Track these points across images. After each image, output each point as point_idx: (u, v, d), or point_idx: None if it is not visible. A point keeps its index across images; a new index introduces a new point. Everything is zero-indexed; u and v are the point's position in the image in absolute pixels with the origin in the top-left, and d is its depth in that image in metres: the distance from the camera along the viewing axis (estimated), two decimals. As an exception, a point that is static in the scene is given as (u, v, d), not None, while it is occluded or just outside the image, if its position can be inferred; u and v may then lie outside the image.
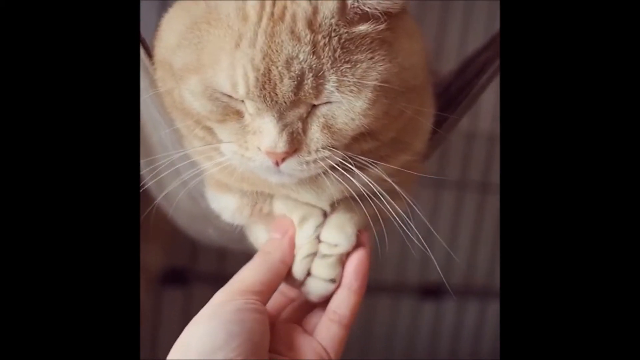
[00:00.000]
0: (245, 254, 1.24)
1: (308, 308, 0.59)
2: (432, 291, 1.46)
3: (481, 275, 1.48)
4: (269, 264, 0.54)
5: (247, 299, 0.51)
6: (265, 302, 0.53)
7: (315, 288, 0.56)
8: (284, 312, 0.59)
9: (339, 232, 0.55)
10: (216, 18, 0.47)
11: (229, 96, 0.49)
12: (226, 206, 0.60)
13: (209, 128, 0.53)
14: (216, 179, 0.60)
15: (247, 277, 0.53)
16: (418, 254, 1.41)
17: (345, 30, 0.47)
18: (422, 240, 0.58)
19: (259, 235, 0.60)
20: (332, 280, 0.55)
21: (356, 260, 0.56)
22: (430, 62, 0.60)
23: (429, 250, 0.58)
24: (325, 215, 0.57)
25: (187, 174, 0.57)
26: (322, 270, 0.55)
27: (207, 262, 1.26)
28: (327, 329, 0.55)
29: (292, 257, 0.56)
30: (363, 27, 0.48)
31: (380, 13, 0.48)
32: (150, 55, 0.55)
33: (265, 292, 0.53)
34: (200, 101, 0.49)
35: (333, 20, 0.46)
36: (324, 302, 0.58)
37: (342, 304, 0.56)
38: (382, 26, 0.48)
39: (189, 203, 0.69)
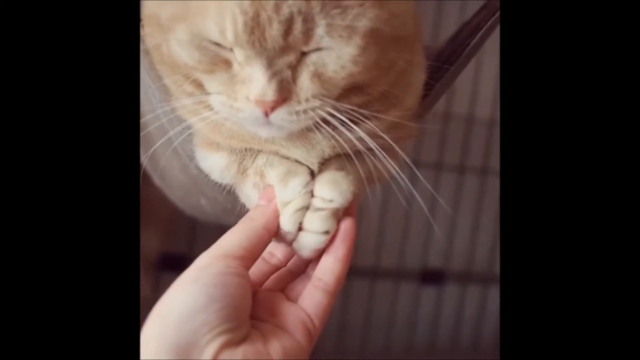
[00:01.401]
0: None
1: (291, 277, 0.58)
2: (432, 276, 1.46)
3: (482, 260, 1.47)
4: (252, 230, 0.53)
5: (228, 263, 0.50)
6: (248, 268, 0.52)
7: (308, 241, 0.54)
8: (266, 281, 0.58)
9: (333, 188, 0.54)
10: None
11: (217, 44, 0.48)
12: (215, 164, 0.59)
13: (198, 83, 0.52)
14: (206, 138, 0.59)
15: (230, 242, 0.53)
16: (419, 239, 1.40)
17: None
18: (425, 209, 0.57)
19: (250, 195, 0.59)
20: (326, 232, 0.54)
21: (343, 228, 0.55)
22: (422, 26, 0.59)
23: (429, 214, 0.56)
24: (312, 174, 0.56)
25: (174, 131, 0.56)
26: (315, 222, 0.54)
27: (206, 248, 1.26)
28: (311, 295, 0.54)
29: (276, 224, 0.55)
30: None
31: None
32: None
33: (248, 258, 0.52)
34: (187, 50, 0.49)
35: None
36: (308, 270, 0.57)
37: (328, 271, 0.54)
38: None
39: (181, 173, 0.68)
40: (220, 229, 1.12)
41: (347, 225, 0.55)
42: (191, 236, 1.26)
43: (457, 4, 1.23)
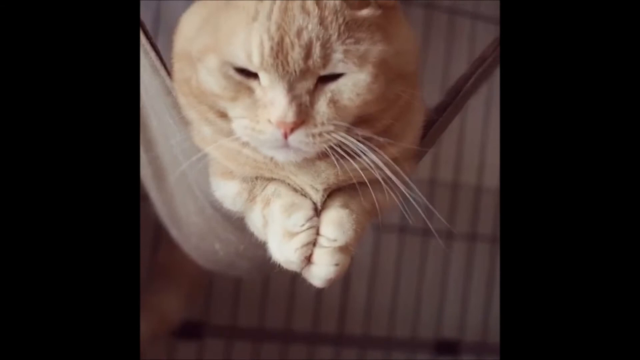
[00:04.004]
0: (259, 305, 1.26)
1: None
2: (447, 347, 1.44)
3: (496, 330, 1.46)
4: None
5: None
6: None
7: (319, 273, 0.59)
8: None
9: (337, 228, 0.59)
10: (235, 5, 0.54)
11: (242, 72, 0.54)
12: (227, 192, 0.64)
13: (221, 113, 0.58)
14: (220, 167, 0.64)
15: None
16: (432, 309, 1.40)
17: (349, 12, 0.53)
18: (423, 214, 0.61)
19: (256, 222, 0.63)
20: (336, 265, 0.58)
21: None
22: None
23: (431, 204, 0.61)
24: (315, 209, 0.60)
25: (188, 162, 0.61)
26: (324, 257, 0.58)
27: (220, 315, 1.28)
28: None
29: None
30: (364, 12, 0.54)
31: (377, 3, 0.55)
32: (160, 57, 0.62)
33: None
34: (215, 78, 0.55)
35: (337, 2, 0.53)
36: None
37: None
38: (378, 12, 0.55)
39: (197, 217, 0.73)
40: (234, 298, 1.17)
41: None
42: (206, 303, 1.28)
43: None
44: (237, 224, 0.67)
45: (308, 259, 0.59)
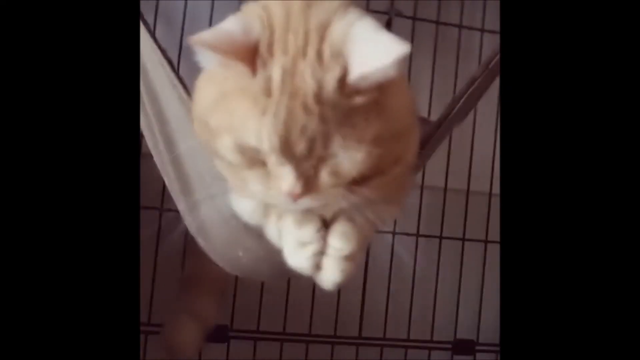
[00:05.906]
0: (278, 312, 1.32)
1: None
2: (464, 348, 1.48)
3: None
4: None
5: None
6: None
7: (327, 278, 0.69)
8: None
9: (342, 238, 0.69)
10: (245, 93, 0.60)
11: (256, 150, 0.61)
12: (245, 207, 0.74)
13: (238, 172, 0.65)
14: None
15: None
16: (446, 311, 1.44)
17: (345, 102, 0.58)
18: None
19: (272, 233, 0.73)
20: (342, 271, 0.68)
21: None
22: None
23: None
24: (324, 221, 0.70)
25: (217, 186, 0.71)
26: (331, 264, 0.68)
27: (245, 320, 1.35)
28: None
29: None
30: (359, 99, 0.59)
31: (374, 86, 0.59)
32: (186, 88, 0.71)
33: None
34: (231, 154, 0.62)
35: (335, 96, 0.58)
36: None
37: None
38: (375, 94, 0.59)
39: (222, 228, 0.81)
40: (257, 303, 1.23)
41: None
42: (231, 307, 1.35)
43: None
44: (257, 232, 0.76)
45: (318, 266, 0.68)
